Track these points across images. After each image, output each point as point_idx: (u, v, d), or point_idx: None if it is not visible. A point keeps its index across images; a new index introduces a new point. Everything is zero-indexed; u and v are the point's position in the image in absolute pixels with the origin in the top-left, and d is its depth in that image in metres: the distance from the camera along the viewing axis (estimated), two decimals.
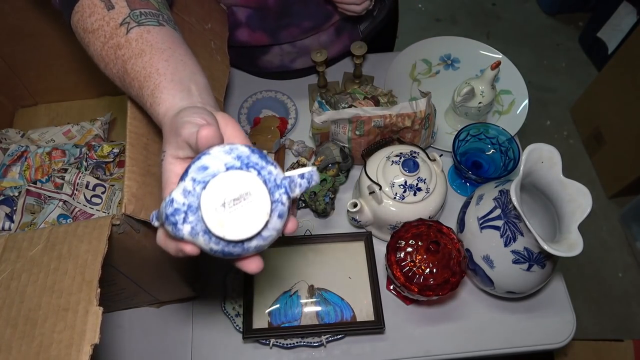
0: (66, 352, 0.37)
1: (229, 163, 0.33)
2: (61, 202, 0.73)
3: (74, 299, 0.40)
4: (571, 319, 0.75)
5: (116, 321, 0.75)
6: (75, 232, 0.45)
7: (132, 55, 0.45)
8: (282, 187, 0.35)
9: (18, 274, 0.43)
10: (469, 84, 0.82)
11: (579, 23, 2.18)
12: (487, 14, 2.22)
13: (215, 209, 0.32)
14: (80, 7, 0.48)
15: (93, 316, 0.39)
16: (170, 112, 0.41)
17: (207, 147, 0.35)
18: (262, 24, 0.82)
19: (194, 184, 0.33)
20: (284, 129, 0.89)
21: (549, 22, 2.22)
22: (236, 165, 0.33)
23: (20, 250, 0.45)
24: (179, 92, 0.43)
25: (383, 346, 0.73)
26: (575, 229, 0.59)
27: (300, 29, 0.83)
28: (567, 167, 0.61)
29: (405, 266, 0.67)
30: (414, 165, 0.71)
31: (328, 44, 0.89)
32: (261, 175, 0.34)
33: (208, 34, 0.72)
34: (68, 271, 0.42)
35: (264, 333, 0.70)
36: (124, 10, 0.47)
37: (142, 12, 0.48)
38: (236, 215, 0.33)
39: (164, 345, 0.74)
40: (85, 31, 0.48)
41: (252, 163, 0.34)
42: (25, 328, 0.39)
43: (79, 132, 0.88)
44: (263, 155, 0.35)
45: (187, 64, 0.46)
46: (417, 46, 0.98)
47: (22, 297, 0.41)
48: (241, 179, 0.33)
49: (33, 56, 0.86)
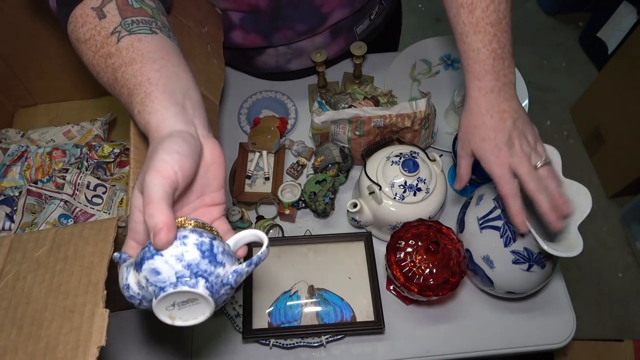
0: (72, 354, 0.37)
1: (179, 272, 0.36)
2: (62, 202, 0.73)
3: (80, 300, 0.40)
4: (571, 319, 0.75)
5: (116, 321, 0.75)
6: (81, 233, 0.45)
7: (122, 63, 0.45)
8: (229, 284, 0.39)
9: (24, 275, 0.43)
10: None
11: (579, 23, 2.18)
12: None
13: (165, 308, 0.38)
14: (73, 18, 0.48)
15: (99, 318, 0.39)
16: (162, 129, 0.41)
17: (156, 246, 0.36)
18: (256, 26, 0.81)
19: (147, 283, 0.37)
20: (284, 129, 0.89)
21: (549, 22, 2.22)
22: (185, 274, 0.36)
23: (25, 251, 0.45)
24: (172, 106, 0.42)
25: (383, 346, 0.73)
26: (575, 229, 0.59)
27: (294, 31, 0.83)
28: (567, 167, 0.61)
29: (405, 266, 0.67)
30: (413, 166, 0.71)
31: (324, 46, 0.89)
32: (208, 282, 0.37)
33: (205, 37, 0.72)
34: (74, 273, 0.42)
35: (264, 333, 0.70)
36: (115, 19, 0.47)
37: (134, 20, 0.47)
38: (184, 311, 0.38)
39: (164, 346, 0.74)
40: (79, 41, 0.48)
41: (201, 272, 0.37)
42: (31, 329, 0.39)
43: (79, 132, 0.88)
44: (213, 256, 0.38)
45: (180, 77, 0.45)
46: (417, 46, 0.98)
47: (27, 298, 0.41)
48: (189, 292, 0.37)
49: (33, 56, 0.86)
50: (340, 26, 0.87)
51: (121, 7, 0.47)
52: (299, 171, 0.86)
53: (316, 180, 0.78)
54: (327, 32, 0.87)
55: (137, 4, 0.49)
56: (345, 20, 0.85)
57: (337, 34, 0.88)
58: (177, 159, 0.38)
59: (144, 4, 0.50)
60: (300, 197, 0.80)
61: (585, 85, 1.84)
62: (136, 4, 0.49)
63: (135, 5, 0.48)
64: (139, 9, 0.49)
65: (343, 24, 0.87)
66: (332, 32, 0.87)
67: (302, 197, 0.80)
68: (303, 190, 0.79)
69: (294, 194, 0.81)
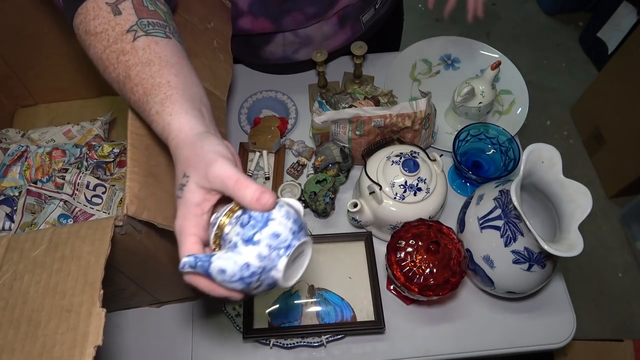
0: (69, 353, 0.37)
1: (292, 228, 0.39)
2: (62, 202, 0.73)
3: (76, 300, 0.40)
4: (571, 319, 0.75)
5: (116, 321, 0.75)
6: (78, 233, 0.45)
7: (137, 62, 0.45)
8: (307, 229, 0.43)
9: (21, 274, 0.43)
10: (469, 84, 0.82)
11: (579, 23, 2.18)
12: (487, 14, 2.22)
13: (286, 269, 0.39)
14: (84, 10, 0.48)
15: (96, 318, 0.39)
16: (187, 131, 0.42)
17: (263, 210, 0.38)
18: (265, 10, 0.81)
19: (270, 250, 0.38)
20: (284, 129, 0.89)
21: (549, 22, 2.22)
22: (296, 230, 0.39)
23: (23, 250, 0.45)
24: (191, 110, 0.43)
25: (383, 346, 0.73)
26: (576, 229, 0.59)
27: (304, 14, 0.83)
28: (567, 167, 0.61)
29: (406, 266, 0.67)
30: (414, 165, 0.71)
31: (331, 34, 0.89)
32: (306, 231, 0.41)
33: (210, 33, 0.72)
34: (71, 272, 0.42)
35: (264, 333, 0.70)
36: (132, 18, 0.47)
37: (150, 22, 0.48)
38: (294, 267, 0.41)
39: (164, 346, 0.74)
40: (88, 33, 0.48)
41: (303, 223, 0.41)
42: (28, 329, 0.39)
43: (79, 132, 0.88)
44: (297, 213, 0.41)
45: (195, 83, 0.47)
46: (417, 46, 0.98)
47: (25, 298, 0.41)
48: (303, 244, 0.40)
49: (33, 56, 0.86)
50: (348, 12, 0.87)
51: (137, 6, 0.48)
52: (299, 171, 0.86)
53: (316, 180, 0.78)
54: (335, 19, 0.87)
55: (152, 7, 0.49)
56: (353, 6, 0.86)
57: (344, 21, 0.88)
58: (225, 147, 0.41)
59: (158, 7, 0.50)
60: (300, 197, 0.80)
61: (585, 85, 1.84)
62: (151, 6, 0.49)
63: (150, 8, 0.49)
64: (154, 12, 0.49)
65: (351, 9, 0.87)
66: (340, 19, 0.87)
67: (302, 197, 0.80)
68: (303, 190, 0.79)
69: (294, 193, 0.81)
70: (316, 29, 0.87)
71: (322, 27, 0.87)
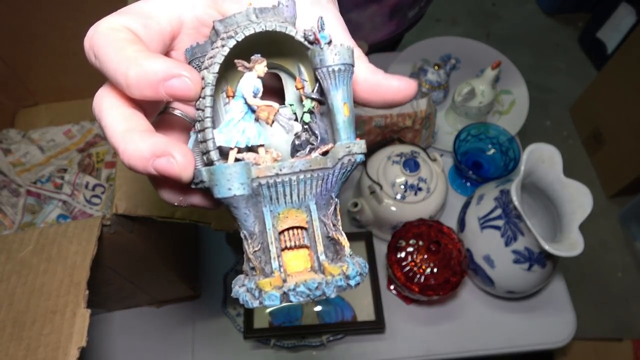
0: (53, 355, 0.37)
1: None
2: (61, 202, 0.73)
3: (62, 301, 0.40)
4: (571, 319, 0.75)
5: (117, 321, 0.75)
6: (65, 233, 0.45)
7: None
8: None
9: (7, 276, 0.43)
10: (469, 84, 0.82)
11: (579, 23, 2.18)
12: (487, 14, 2.22)
13: None
14: None
15: (80, 319, 0.38)
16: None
17: None
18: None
19: None
20: None
21: (548, 22, 2.22)
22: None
23: (10, 252, 0.44)
24: None
25: (383, 346, 0.73)
26: (576, 228, 0.59)
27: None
28: (567, 167, 0.61)
29: (406, 266, 0.67)
30: (414, 165, 0.71)
31: (379, 25, 0.87)
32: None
33: None
34: (57, 273, 0.42)
35: (265, 333, 0.70)
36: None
37: None
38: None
39: (165, 345, 0.74)
40: None
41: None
42: (13, 331, 0.39)
43: (79, 131, 0.88)
44: None
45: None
46: (417, 46, 0.98)
47: (11, 300, 0.41)
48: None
49: (33, 56, 0.86)
50: (402, 4, 0.86)
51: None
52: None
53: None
54: (386, 10, 0.85)
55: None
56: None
57: (394, 13, 0.87)
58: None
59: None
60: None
61: (585, 85, 1.84)
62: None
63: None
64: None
65: (405, 2, 0.86)
66: (391, 10, 0.86)
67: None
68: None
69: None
70: (367, 17, 0.85)
71: (373, 18, 0.85)
